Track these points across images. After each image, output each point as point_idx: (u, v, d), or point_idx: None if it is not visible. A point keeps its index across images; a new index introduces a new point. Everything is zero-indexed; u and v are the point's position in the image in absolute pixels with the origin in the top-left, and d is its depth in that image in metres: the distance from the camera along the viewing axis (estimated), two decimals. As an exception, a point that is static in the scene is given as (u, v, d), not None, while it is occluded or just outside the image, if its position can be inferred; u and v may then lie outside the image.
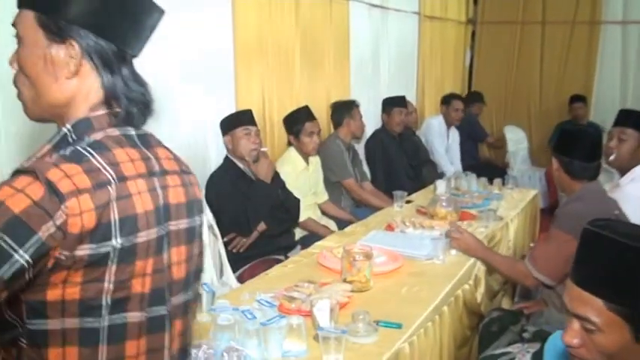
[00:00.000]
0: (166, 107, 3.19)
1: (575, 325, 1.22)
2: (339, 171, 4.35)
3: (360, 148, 5.04)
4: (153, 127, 3.10)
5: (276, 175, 3.56)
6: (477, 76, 7.73)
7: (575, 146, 2.51)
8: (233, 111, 3.61)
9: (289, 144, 3.99)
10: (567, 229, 2.37)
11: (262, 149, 3.44)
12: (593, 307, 1.18)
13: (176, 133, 3.28)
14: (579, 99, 6.73)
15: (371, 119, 5.19)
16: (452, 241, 2.81)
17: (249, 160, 3.37)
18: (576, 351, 1.23)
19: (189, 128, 3.39)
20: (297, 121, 3.90)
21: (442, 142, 5.96)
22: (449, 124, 6.00)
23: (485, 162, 6.90)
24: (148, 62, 3.06)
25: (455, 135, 6.11)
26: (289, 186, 3.64)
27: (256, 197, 3.34)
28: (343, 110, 4.51)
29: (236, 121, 3.42)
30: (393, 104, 5.05)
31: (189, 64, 3.31)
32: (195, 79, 3.37)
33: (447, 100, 6.02)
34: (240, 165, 3.40)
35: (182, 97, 3.28)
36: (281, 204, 3.48)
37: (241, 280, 3.14)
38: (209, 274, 3.14)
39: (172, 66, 3.19)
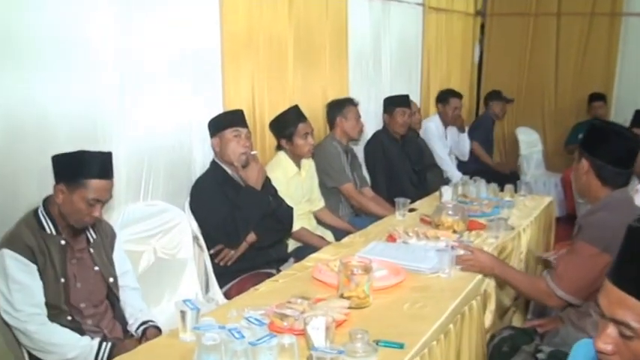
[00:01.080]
0: (149, 107, 3.20)
1: (611, 330, 1.20)
2: (336, 175, 4.37)
3: (360, 151, 5.06)
4: (132, 129, 3.14)
5: (266, 182, 3.57)
6: (487, 73, 7.74)
7: (611, 148, 2.42)
8: (220, 111, 3.62)
9: (279, 148, 4.00)
10: (593, 242, 2.35)
11: (252, 152, 3.45)
12: (634, 312, 1.16)
13: (159, 135, 3.29)
14: (599, 97, 6.76)
15: (371, 120, 5.21)
16: (462, 266, 2.75)
17: (238, 164, 3.38)
18: (609, 358, 1.22)
19: (172, 130, 3.40)
20: (289, 123, 3.90)
21: (443, 144, 5.99)
22: (446, 124, 6.04)
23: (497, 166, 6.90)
24: (129, 59, 3.10)
25: (453, 132, 6.15)
26: (280, 194, 3.65)
27: (245, 205, 3.34)
28: (335, 108, 4.54)
29: (225, 122, 3.43)
30: (395, 104, 5.06)
31: (173, 61, 3.33)
32: (179, 76, 3.38)
33: (443, 98, 6.05)
34: (228, 170, 3.41)
35: (165, 96, 3.30)
36: (272, 213, 3.48)
37: (229, 295, 3.14)
38: (193, 290, 3.16)
39: (154, 62, 3.20)
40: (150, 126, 3.22)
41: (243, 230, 3.33)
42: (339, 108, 4.52)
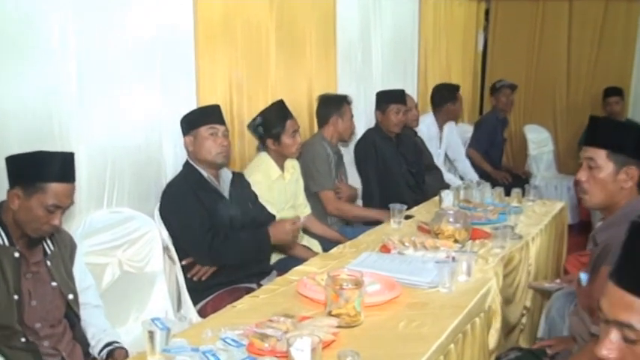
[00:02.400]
0: (113, 101, 3.19)
1: (614, 335, 1.23)
2: (320, 179, 4.37)
3: (349, 152, 5.07)
4: (94, 127, 3.12)
5: (245, 186, 3.56)
6: (492, 64, 7.79)
7: None
8: (194, 107, 3.62)
9: (261, 148, 4.00)
10: None
11: (299, 218, 3.56)
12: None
13: (124, 133, 3.28)
14: (615, 92, 6.80)
15: (362, 117, 5.23)
16: None
17: (216, 163, 3.37)
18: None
19: (139, 127, 3.39)
20: (276, 121, 3.89)
21: (436, 148, 6.01)
22: (442, 122, 6.06)
23: (503, 169, 6.91)
24: (90, 48, 3.08)
25: (453, 130, 6.17)
26: (261, 199, 3.65)
27: (222, 212, 3.34)
28: (332, 106, 4.54)
29: (200, 119, 3.42)
30: (389, 100, 5.05)
31: (140, 50, 3.32)
32: (147, 67, 3.38)
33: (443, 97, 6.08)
34: (204, 172, 3.40)
35: (132, 89, 3.29)
36: (252, 221, 3.49)
37: (203, 313, 3.14)
38: (163, 307, 3.15)
39: (119, 52, 3.20)
40: (114, 123, 3.21)
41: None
42: (337, 106, 4.53)
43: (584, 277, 2.53)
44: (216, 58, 3.84)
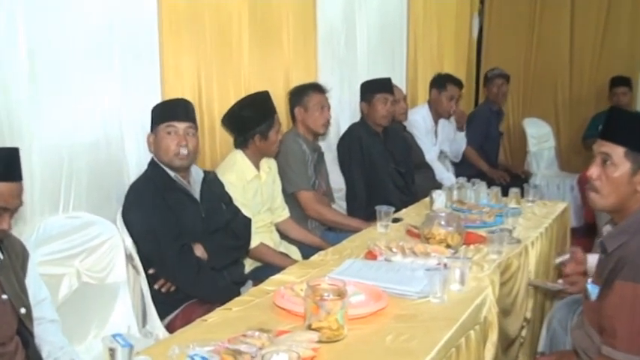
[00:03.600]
0: (68, 94, 3.17)
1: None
2: (295, 179, 4.37)
3: (332, 150, 5.08)
4: (48, 122, 3.10)
5: (219, 186, 3.57)
6: (488, 51, 7.83)
7: None
8: (158, 100, 3.62)
9: (238, 145, 4.00)
10: None
11: None
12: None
13: (82, 129, 3.27)
14: (622, 82, 6.84)
15: (345, 110, 5.24)
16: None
17: (173, 165, 3.36)
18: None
19: (99, 122, 3.38)
20: (267, 115, 3.92)
21: (430, 143, 6.04)
22: (437, 116, 6.09)
23: (500, 167, 6.95)
24: (43, 36, 3.06)
25: (447, 126, 6.21)
26: (235, 202, 3.66)
27: (192, 216, 3.35)
28: (294, 96, 4.56)
29: (159, 115, 3.41)
30: (375, 89, 5.08)
31: (98, 38, 3.31)
32: (105, 56, 3.37)
33: (440, 83, 6.09)
34: (170, 172, 3.40)
35: (89, 80, 3.28)
36: (225, 226, 3.49)
37: (172, 328, 3.13)
38: (126, 322, 3.14)
39: (74, 38, 3.18)
40: (69, 118, 3.19)
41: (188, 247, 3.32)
42: (299, 96, 4.53)
43: (593, 289, 2.51)
44: (183, 45, 3.83)
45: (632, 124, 2.47)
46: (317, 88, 4.57)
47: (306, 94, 4.52)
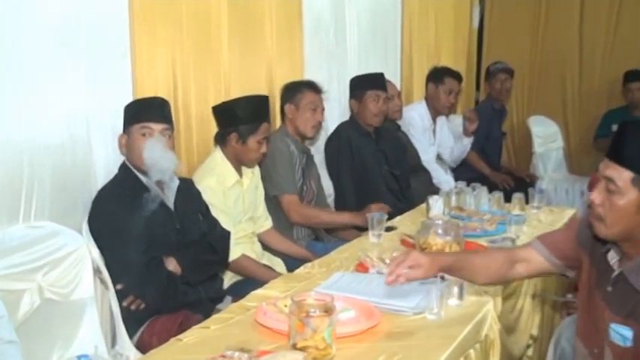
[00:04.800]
0: (29, 90, 3.16)
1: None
2: (280, 181, 4.37)
3: (321, 151, 5.10)
4: (6, 123, 3.08)
5: (195, 194, 3.58)
6: (489, 43, 7.86)
7: None
8: (129, 97, 3.62)
9: (218, 142, 4.01)
10: None
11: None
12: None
13: (44, 130, 3.25)
14: (637, 76, 6.86)
15: (334, 108, 5.24)
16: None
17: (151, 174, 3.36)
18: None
19: (63, 122, 3.35)
20: (251, 117, 3.92)
21: (427, 142, 6.05)
22: (436, 113, 6.11)
23: (503, 170, 6.96)
24: (1, 28, 3.05)
25: (444, 125, 6.22)
26: (214, 209, 3.67)
27: (164, 227, 3.35)
28: (287, 92, 4.58)
29: (133, 114, 3.41)
30: (366, 86, 5.11)
31: (62, 28, 3.30)
32: (71, 50, 3.35)
33: (436, 77, 6.11)
34: (142, 177, 3.39)
35: (53, 75, 3.26)
36: (202, 238, 3.50)
37: (140, 346, 3.13)
38: (93, 341, 3.13)
39: (38, 30, 3.18)
40: (30, 116, 3.16)
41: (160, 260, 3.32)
42: (291, 92, 4.55)
43: (624, 332, 2.36)
44: (157, 37, 3.83)
45: None
46: (312, 87, 4.58)
47: (300, 91, 4.53)
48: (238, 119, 3.92)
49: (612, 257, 2.44)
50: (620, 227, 2.32)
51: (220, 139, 3.99)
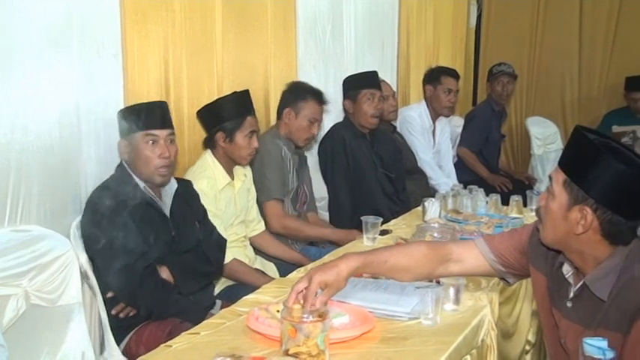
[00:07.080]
0: (16, 89, 3.14)
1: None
2: (269, 185, 4.32)
3: (313, 154, 5.09)
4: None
5: (194, 197, 3.58)
6: (487, 43, 7.86)
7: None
8: (120, 96, 3.61)
9: (207, 145, 4.00)
10: None
11: None
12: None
13: (32, 130, 3.22)
14: (638, 83, 6.83)
15: (330, 110, 5.21)
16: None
17: (154, 182, 3.35)
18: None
19: (53, 122, 3.33)
20: (233, 112, 3.90)
21: (427, 143, 6.05)
22: (436, 114, 6.11)
23: (501, 173, 6.95)
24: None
25: (445, 127, 6.22)
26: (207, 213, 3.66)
27: (159, 234, 3.34)
28: (290, 94, 4.53)
29: (137, 121, 3.34)
30: (359, 85, 5.09)
31: (51, 24, 3.28)
32: (60, 46, 3.33)
33: (433, 78, 6.11)
34: (140, 182, 3.36)
35: (41, 73, 3.24)
36: (197, 246, 3.49)
37: (128, 353, 3.12)
38: (80, 348, 3.12)
39: (25, 25, 3.16)
40: (17, 116, 3.13)
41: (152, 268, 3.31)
42: (295, 96, 4.49)
43: (602, 343, 2.17)
44: (149, 34, 3.81)
45: (580, 149, 2.24)
46: (317, 97, 4.51)
47: (304, 98, 4.48)
48: (222, 117, 3.91)
49: (567, 271, 2.40)
50: (552, 232, 2.33)
51: (209, 142, 3.98)
